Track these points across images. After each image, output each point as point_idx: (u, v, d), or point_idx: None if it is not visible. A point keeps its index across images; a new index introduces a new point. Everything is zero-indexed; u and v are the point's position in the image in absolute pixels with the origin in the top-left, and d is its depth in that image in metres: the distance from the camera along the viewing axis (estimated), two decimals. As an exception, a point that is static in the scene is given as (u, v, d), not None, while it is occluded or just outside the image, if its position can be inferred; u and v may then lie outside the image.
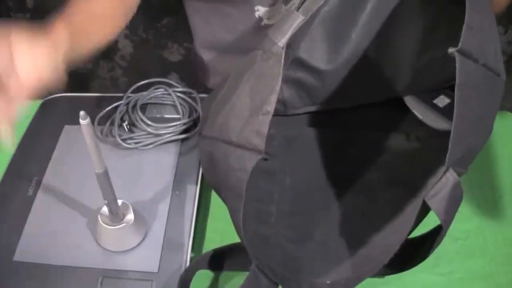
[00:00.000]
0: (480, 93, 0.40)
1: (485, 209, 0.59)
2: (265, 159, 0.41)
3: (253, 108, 0.44)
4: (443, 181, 0.38)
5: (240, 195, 0.41)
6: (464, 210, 0.59)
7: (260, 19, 0.70)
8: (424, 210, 0.40)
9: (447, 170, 0.38)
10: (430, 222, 0.42)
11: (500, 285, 0.53)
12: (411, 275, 0.53)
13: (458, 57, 0.36)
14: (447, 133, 0.39)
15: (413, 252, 0.46)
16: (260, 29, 0.71)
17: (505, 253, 0.55)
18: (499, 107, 0.45)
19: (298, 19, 0.44)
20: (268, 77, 0.43)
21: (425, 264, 0.54)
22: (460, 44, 0.36)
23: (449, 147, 0.37)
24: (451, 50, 0.36)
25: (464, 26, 0.36)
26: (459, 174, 0.41)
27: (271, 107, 0.41)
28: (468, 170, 0.63)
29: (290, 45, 0.46)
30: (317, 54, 0.59)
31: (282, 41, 0.44)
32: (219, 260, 0.52)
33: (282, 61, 0.43)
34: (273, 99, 0.41)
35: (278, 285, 0.46)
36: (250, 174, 0.41)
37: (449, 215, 0.39)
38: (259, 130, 0.41)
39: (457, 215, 0.59)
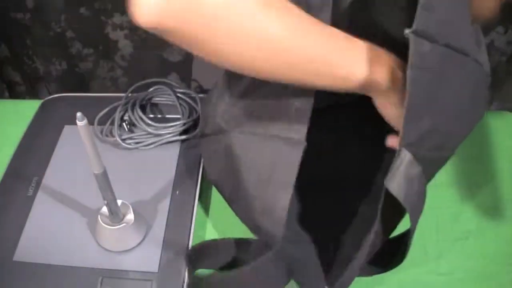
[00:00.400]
0: (442, 74, 0.39)
1: (485, 209, 0.59)
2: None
3: (279, 100, 0.46)
4: (398, 163, 0.38)
5: (283, 182, 0.44)
6: (464, 210, 0.59)
7: None
8: (401, 209, 0.40)
9: (400, 151, 0.38)
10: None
11: (500, 285, 0.53)
12: (411, 275, 0.53)
13: (412, 38, 0.35)
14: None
15: (396, 249, 0.45)
16: None
17: (505, 253, 0.55)
18: (481, 85, 0.44)
19: None
20: None
21: (425, 264, 0.54)
22: (414, 26, 0.35)
23: (402, 127, 0.37)
24: (406, 31, 0.35)
25: (419, 7, 0.36)
26: (444, 158, 0.41)
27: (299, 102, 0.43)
28: (468, 170, 0.63)
29: None
30: None
31: None
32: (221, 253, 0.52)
33: None
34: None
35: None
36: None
37: (408, 196, 0.38)
38: (299, 122, 0.43)
39: (457, 215, 0.59)
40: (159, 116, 0.67)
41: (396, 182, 0.37)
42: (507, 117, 0.70)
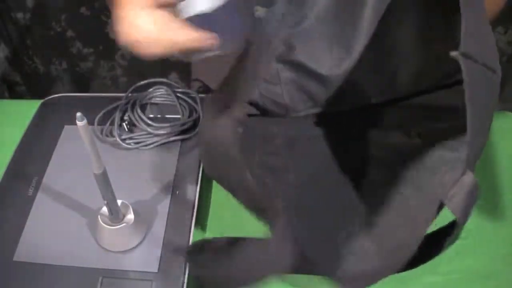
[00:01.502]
0: (482, 91, 0.40)
1: (485, 209, 0.59)
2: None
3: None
4: (461, 183, 0.39)
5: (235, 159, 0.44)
6: (464, 210, 0.59)
7: (260, 20, 0.70)
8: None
9: (465, 173, 0.38)
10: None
11: (500, 285, 0.53)
12: (411, 275, 0.53)
13: (462, 60, 0.36)
14: (447, 129, 0.39)
15: (424, 249, 0.46)
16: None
17: (505, 253, 0.55)
18: (497, 102, 0.45)
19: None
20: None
21: (425, 264, 0.54)
22: (462, 48, 0.36)
23: (467, 149, 0.37)
24: (453, 53, 0.36)
25: (462, 28, 0.37)
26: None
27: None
28: (468, 170, 0.63)
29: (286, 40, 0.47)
30: (320, 60, 0.59)
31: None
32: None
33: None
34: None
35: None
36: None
37: (466, 215, 0.39)
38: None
39: (457, 215, 0.59)
40: (159, 116, 0.67)
41: (457, 203, 0.39)
42: (507, 117, 0.70)
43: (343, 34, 0.58)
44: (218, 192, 0.62)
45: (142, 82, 0.69)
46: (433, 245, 0.45)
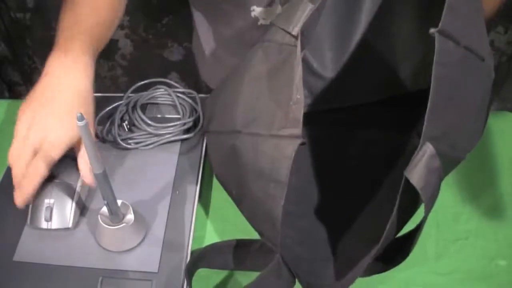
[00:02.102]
0: (461, 74, 0.40)
1: (485, 209, 0.59)
2: (304, 143, 0.41)
3: (279, 99, 0.44)
4: (420, 155, 0.38)
5: (279, 181, 0.42)
6: (464, 210, 0.59)
7: (256, 19, 0.70)
8: (413, 205, 0.40)
9: (423, 144, 0.38)
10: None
11: (500, 285, 0.53)
12: (412, 274, 0.53)
13: (437, 37, 0.36)
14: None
15: (403, 245, 0.46)
16: (257, 28, 0.71)
17: (505, 253, 0.55)
18: (489, 92, 0.45)
19: (308, 7, 0.44)
20: (287, 68, 0.44)
21: (425, 264, 0.54)
22: (440, 25, 0.36)
23: (425, 121, 0.37)
24: (432, 30, 0.36)
25: (445, 8, 0.37)
26: (456, 160, 0.41)
27: (300, 93, 0.42)
28: (468, 170, 0.63)
29: (303, 32, 0.46)
30: (322, 59, 0.59)
31: (296, 30, 0.45)
32: (219, 256, 0.52)
33: (299, 48, 0.43)
34: (300, 86, 0.42)
35: (295, 279, 0.47)
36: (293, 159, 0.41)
37: (427, 186, 0.39)
38: (295, 118, 0.42)
39: (458, 215, 0.59)
40: (159, 116, 0.67)
41: (416, 172, 0.38)
42: (507, 117, 0.70)
43: (343, 29, 0.58)
44: (218, 192, 0.62)
45: (142, 82, 0.69)
46: (409, 242, 0.45)
